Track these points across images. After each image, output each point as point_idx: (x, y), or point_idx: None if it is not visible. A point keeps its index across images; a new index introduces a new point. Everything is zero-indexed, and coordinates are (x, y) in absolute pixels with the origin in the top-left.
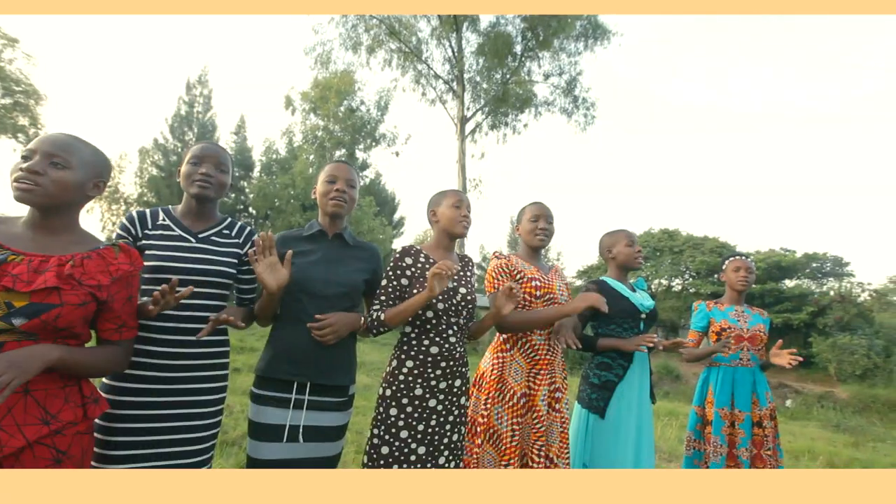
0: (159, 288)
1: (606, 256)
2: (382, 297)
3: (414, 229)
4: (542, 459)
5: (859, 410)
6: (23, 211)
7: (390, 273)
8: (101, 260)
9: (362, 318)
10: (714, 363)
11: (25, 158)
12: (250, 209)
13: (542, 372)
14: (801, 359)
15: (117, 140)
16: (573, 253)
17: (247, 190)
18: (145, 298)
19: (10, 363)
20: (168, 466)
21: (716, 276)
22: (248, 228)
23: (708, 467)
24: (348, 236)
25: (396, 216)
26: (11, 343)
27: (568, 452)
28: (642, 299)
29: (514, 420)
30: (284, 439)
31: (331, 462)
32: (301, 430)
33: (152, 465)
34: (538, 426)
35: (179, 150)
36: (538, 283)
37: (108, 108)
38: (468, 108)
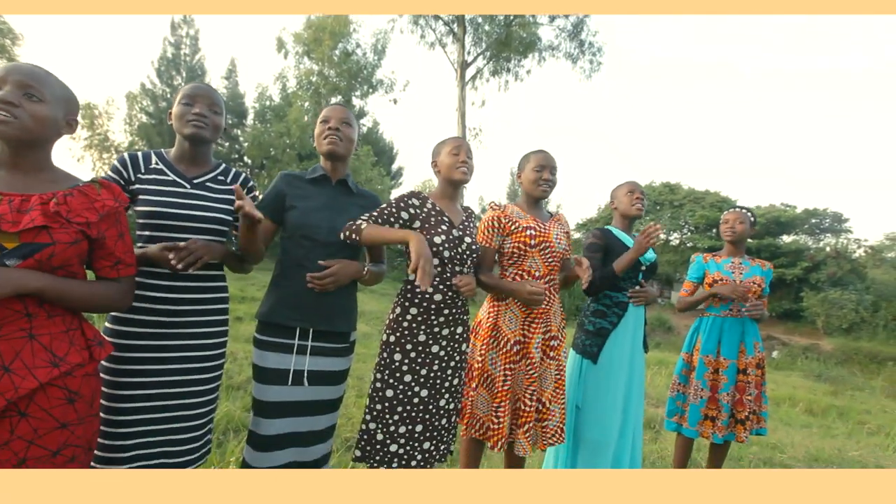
0: (157, 235)
1: (612, 207)
2: (375, 214)
3: (412, 179)
4: (533, 403)
5: (842, 361)
6: None
7: (394, 202)
8: (85, 197)
9: (364, 268)
10: (705, 313)
11: None
12: (245, 158)
13: (536, 320)
14: (762, 304)
15: (102, 84)
16: (573, 205)
17: (241, 138)
18: (151, 246)
19: None
20: (174, 407)
21: (714, 230)
22: (243, 175)
23: (688, 408)
24: (352, 184)
25: (395, 166)
26: None
27: (562, 397)
28: None
29: (507, 366)
30: (289, 383)
31: (333, 405)
32: (305, 375)
33: (159, 404)
34: (531, 372)
35: (168, 95)
36: (533, 233)
37: (91, 49)
38: (469, 53)
